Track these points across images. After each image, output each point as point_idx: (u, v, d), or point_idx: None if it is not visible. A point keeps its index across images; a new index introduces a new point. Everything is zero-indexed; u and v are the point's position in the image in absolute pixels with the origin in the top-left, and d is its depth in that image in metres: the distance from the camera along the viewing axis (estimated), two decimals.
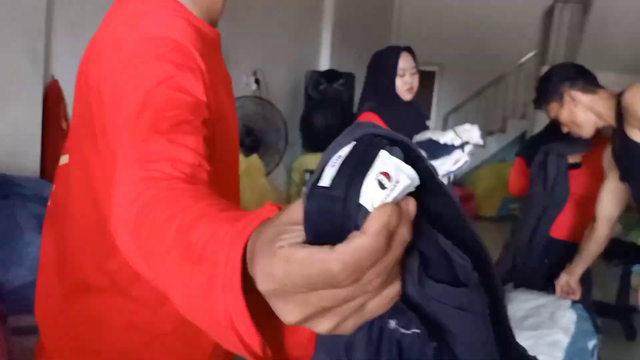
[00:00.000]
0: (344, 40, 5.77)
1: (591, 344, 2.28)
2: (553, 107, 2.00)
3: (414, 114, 2.53)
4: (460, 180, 8.36)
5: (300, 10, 4.86)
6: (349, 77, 4.78)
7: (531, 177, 2.58)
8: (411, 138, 2.44)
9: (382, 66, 2.44)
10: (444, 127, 9.45)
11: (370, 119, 2.43)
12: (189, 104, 0.76)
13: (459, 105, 9.35)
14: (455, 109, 9.40)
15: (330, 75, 4.82)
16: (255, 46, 3.96)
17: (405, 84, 2.42)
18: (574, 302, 2.47)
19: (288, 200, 4.74)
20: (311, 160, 4.70)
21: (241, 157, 2.74)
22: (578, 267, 2.25)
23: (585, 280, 2.65)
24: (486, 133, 9.08)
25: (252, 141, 3.45)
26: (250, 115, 3.51)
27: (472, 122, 7.99)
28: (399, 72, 2.40)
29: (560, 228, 2.56)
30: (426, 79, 9.57)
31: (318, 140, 4.61)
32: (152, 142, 0.70)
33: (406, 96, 2.45)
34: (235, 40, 3.68)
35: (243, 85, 3.93)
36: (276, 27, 4.23)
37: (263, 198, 2.81)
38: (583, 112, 1.91)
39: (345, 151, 0.38)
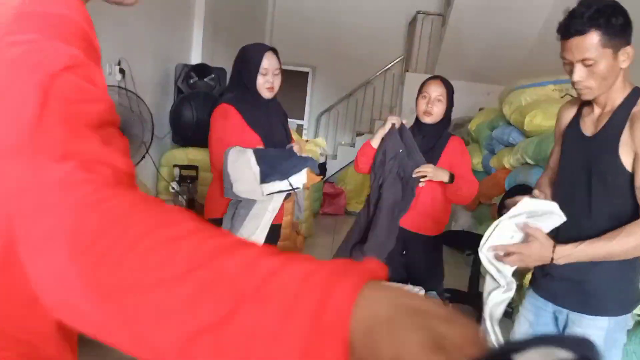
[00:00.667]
0: (215, 35, 5.72)
1: None
2: (606, 51, 1.54)
3: (273, 112, 2.59)
4: (330, 178, 8.61)
5: (169, 1, 4.74)
6: (221, 72, 4.75)
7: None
8: (270, 134, 2.51)
9: (247, 62, 2.48)
10: (317, 127, 9.69)
11: (226, 110, 2.45)
12: (107, 101, 0.61)
13: (330, 107, 9.61)
14: (327, 109, 9.65)
15: (201, 69, 4.75)
16: (119, 35, 3.80)
17: (266, 82, 2.48)
18: (428, 290, 2.65)
19: (156, 195, 4.61)
20: (180, 155, 4.60)
21: None
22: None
23: (438, 269, 2.86)
24: (355, 134, 9.44)
25: None
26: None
27: (343, 123, 8.21)
28: (262, 70, 2.46)
29: (416, 219, 2.71)
30: (299, 79, 9.80)
31: (188, 135, 4.53)
32: (84, 138, 0.53)
33: (266, 94, 2.52)
34: (96, 25, 3.50)
35: (106, 74, 3.75)
36: (142, 16, 4.09)
37: None
38: (617, 71, 1.58)
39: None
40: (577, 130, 1.75)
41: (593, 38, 1.52)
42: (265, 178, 2.37)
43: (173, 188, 3.96)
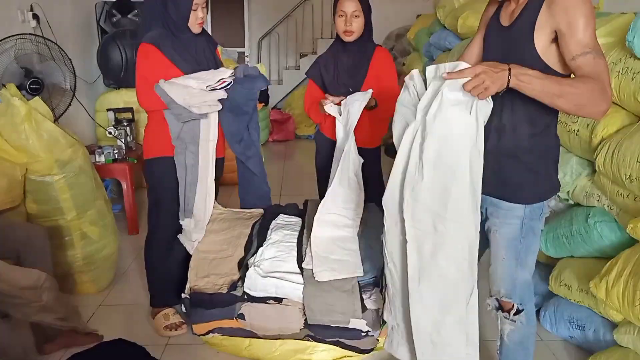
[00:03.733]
0: None
1: (382, 235, 2.54)
2: None
3: (201, 45, 2.53)
4: (278, 104, 8.53)
5: None
6: (145, 7, 4.55)
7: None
8: (198, 69, 2.46)
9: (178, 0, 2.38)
10: (259, 53, 9.48)
11: (147, 50, 2.38)
12: None
13: (270, 29, 9.37)
14: (267, 33, 9.41)
15: (123, 5, 4.54)
16: None
17: (197, 19, 2.42)
18: (369, 202, 2.71)
19: (96, 142, 4.51)
20: (114, 98, 4.47)
21: (20, 102, 2.53)
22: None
23: (377, 181, 2.91)
24: (299, 55, 9.28)
25: (34, 83, 3.18)
26: (29, 55, 3.21)
27: (285, 46, 8.04)
28: (193, 6, 2.38)
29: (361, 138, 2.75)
30: (235, 5, 9.47)
31: (119, 76, 4.39)
32: None
33: (197, 30, 2.46)
34: None
35: (19, 22, 3.55)
36: None
37: (53, 143, 2.64)
38: None
39: None
40: (497, 21, 1.78)
41: None
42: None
43: (110, 133, 3.87)
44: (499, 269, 1.84)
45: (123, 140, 3.92)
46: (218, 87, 2.42)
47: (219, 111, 2.49)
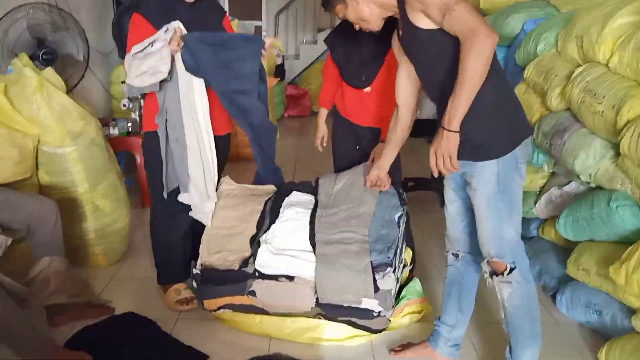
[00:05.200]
0: None
1: (397, 215, 2.51)
2: (339, 9, 2.03)
3: (200, 15, 2.43)
4: (295, 79, 8.45)
5: None
6: None
7: None
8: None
9: None
10: (276, 27, 9.37)
11: (135, 19, 2.37)
12: None
13: (288, 3, 9.24)
14: (285, 7, 9.29)
15: None
16: None
17: None
18: None
19: (111, 115, 4.49)
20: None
21: (32, 72, 2.50)
22: (386, 158, 2.36)
23: (395, 161, 2.86)
24: (317, 30, 9.16)
25: (46, 54, 3.14)
26: (41, 25, 3.17)
27: (303, 20, 7.93)
28: None
29: (366, 117, 2.71)
30: None
31: None
32: None
33: None
34: None
35: None
36: None
37: (65, 115, 2.61)
38: (367, 6, 1.93)
39: None
40: (399, 38, 1.95)
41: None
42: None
43: (124, 105, 3.84)
44: (484, 229, 1.86)
45: (137, 113, 3.89)
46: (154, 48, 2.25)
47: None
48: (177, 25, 2.24)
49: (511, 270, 1.85)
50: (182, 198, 2.53)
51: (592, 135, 2.45)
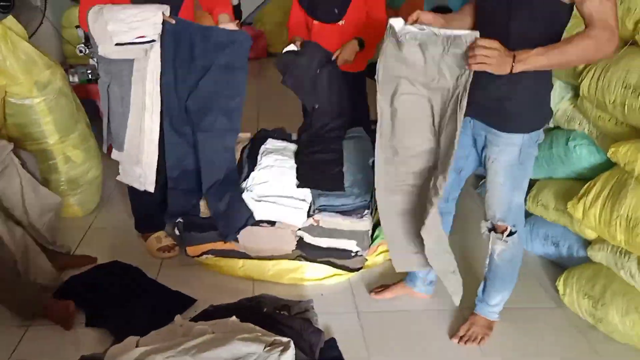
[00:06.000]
0: None
1: (371, 159, 2.59)
2: None
3: None
4: (247, 19, 8.24)
5: None
6: None
7: None
8: None
9: None
10: None
11: None
12: None
13: None
14: None
15: None
16: None
17: None
18: (354, 126, 2.75)
19: (64, 61, 4.34)
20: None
21: None
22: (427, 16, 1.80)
23: (361, 105, 2.94)
24: None
25: (4, 0, 3.00)
26: None
27: None
28: None
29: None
30: None
31: None
32: None
33: None
34: None
35: None
36: None
37: (31, 64, 2.54)
38: None
39: None
40: None
41: None
42: (115, 37, 2.18)
43: (80, 51, 3.72)
44: (496, 194, 1.92)
45: (95, 59, 3.78)
46: (133, 42, 2.19)
47: None
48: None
49: (511, 233, 1.95)
50: (114, 155, 2.47)
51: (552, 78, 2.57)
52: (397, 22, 1.73)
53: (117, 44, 2.19)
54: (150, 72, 2.25)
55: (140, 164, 2.38)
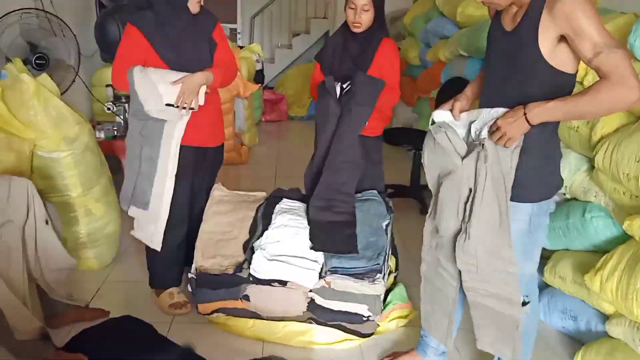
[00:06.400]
0: None
1: (384, 223, 2.61)
2: None
3: (196, 27, 2.48)
4: (270, 84, 8.50)
5: None
6: None
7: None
8: (185, 56, 2.43)
9: None
10: (251, 30, 9.42)
11: (128, 30, 2.40)
12: None
13: (263, 7, 9.31)
14: (260, 10, 9.35)
15: None
16: None
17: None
18: (368, 190, 2.78)
19: (92, 118, 4.49)
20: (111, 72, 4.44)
21: (29, 78, 2.52)
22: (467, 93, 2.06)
23: (378, 169, 2.97)
24: (292, 35, 9.24)
25: (39, 59, 3.16)
26: (34, 30, 3.19)
27: (278, 24, 7.96)
28: None
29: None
30: None
31: (116, 50, 4.35)
32: None
33: (195, 8, 2.42)
34: None
35: None
36: None
37: (61, 120, 2.65)
38: None
39: None
40: (499, 26, 1.81)
41: None
42: (166, 98, 2.38)
43: (109, 109, 3.86)
44: None
45: (122, 117, 3.92)
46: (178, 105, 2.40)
47: None
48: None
49: (524, 303, 1.90)
50: (132, 212, 2.56)
51: (567, 149, 2.59)
52: (439, 115, 1.94)
53: (167, 104, 2.38)
54: (176, 138, 2.42)
55: (157, 223, 2.51)
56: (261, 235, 2.52)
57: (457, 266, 1.90)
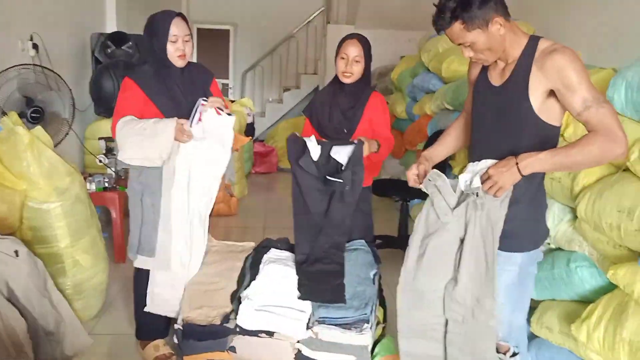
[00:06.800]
0: (130, 1, 5.53)
1: (372, 272, 2.62)
2: (473, 34, 1.71)
3: (189, 79, 2.55)
4: (260, 136, 8.62)
5: None
6: (138, 39, 4.64)
7: None
8: (181, 105, 2.46)
9: (155, 31, 2.42)
10: (242, 85, 9.61)
11: (125, 84, 2.47)
12: None
13: (255, 63, 9.53)
14: (252, 67, 9.56)
15: (118, 37, 4.62)
16: (28, 7, 3.65)
17: (177, 51, 2.43)
18: (357, 240, 2.80)
19: (84, 170, 4.53)
20: (105, 126, 4.51)
21: (23, 130, 2.57)
22: (436, 151, 2.16)
23: (367, 220, 3.00)
24: (282, 90, 9.43)
25: (35, 112, 3.22)
26: (31, 85, 3.27)
27: (269, 79, 8.14)
28: (171, 38, 2.40)
29: None
30: (221, 38, 9.62)
31: (110, 105, 4.43)
32: None
33: (178, 62, 2.47)
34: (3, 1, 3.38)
35: (19, 52, 3.61)
36: None
37: (53, 171, 2.68)
38: (506, 35, 1.73)
39: None
40: (486, 81, 1.87)
41: (456, 28, 1.71)
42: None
43: (100, 161, 3.91)
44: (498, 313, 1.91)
45: (113, 169, 3.96)
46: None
47: None
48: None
49: (514, 354, 1.92)
50: (140, 263, 2.55)
51: (550, 199, 2.63)
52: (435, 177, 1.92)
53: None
54: (177, 181, 2.45)
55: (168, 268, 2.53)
56: (248, 285, 2.52)
57: (446, 315, 1.89)
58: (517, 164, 1.66)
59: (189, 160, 2.45)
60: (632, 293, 2.00)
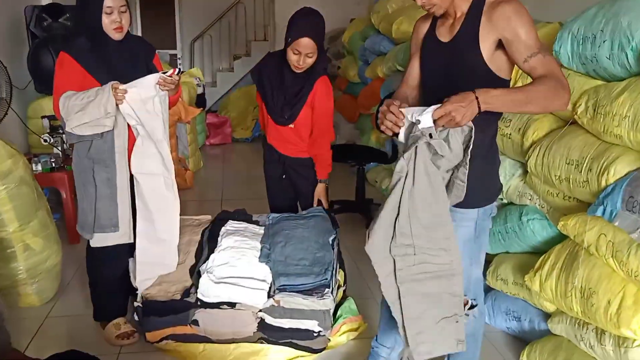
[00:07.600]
0: None
1: (331, 238, 2.64)
2: None
3: (128, 52, 2.43)
4: (213, 107, 8.47)
5: None
6: (76, 11, 4.43)
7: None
8: (119, 77, 2.30)
9: (88, 3, 2.30)
10: (192, 55, 9.37)
11: (61, 59, 2.33)
12: None
13: (202, 32, 9.29)
14: (199, 35, 9.33)
15: (53, 10, 4.39)
16: None
17: (113, 23, 2.31)
18: (316, 207, 2.80)
19: (29, 151, 4.37)
20: (47, 104, 4.32)
21: None
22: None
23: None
24: (233, 58, 9.25)
25: None
26: None
27: (219, 48, 7.95)
28: (106, 9, 2.28)
29: (291, 149, 2.84)
30: (166, 7, 9.33)
31: (51, 82, 4.25)
32: None
33: (115, 35, 2.35)
34: None
35: None
36: None
37: None
38: None
39: None
40: (434, 38, 1.88)
41: None
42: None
43: (45, 140, 3.76)
44: None
45: (60, 148, 3.83)
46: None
47: None
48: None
49: (472, 306, 1.94)
50: (97, 239, 2.44)
51: (502, 155, 2.68)
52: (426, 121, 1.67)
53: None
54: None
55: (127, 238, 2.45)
56: (207, 258, 2.50)
57: (392, 254, 1.76)
58: (477, 97, 1.57)
59: (134, 124, 2.37)
60: (581, 242, 2.07)
